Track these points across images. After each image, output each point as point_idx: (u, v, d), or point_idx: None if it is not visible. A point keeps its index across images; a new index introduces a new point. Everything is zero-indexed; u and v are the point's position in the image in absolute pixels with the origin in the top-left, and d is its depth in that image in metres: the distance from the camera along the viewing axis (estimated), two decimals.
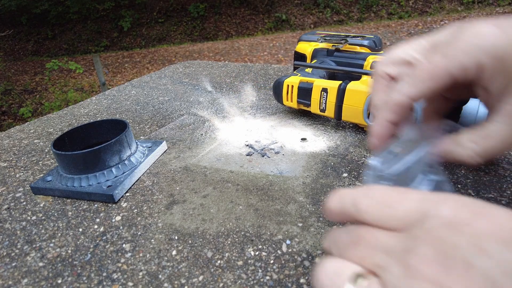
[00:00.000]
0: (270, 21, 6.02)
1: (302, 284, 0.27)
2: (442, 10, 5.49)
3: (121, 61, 5.23)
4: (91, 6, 6.17)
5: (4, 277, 0.29)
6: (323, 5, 6.01)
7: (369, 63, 0.57)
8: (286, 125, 0.56)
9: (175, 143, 0.52)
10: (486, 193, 0.37)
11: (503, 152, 0.35)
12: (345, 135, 0.51)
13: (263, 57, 4.40)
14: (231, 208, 0.36)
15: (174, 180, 0.42)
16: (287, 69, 0.92)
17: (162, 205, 0.37)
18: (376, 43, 0.61)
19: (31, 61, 5.88)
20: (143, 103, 0.72)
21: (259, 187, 0.40)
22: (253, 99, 0.70)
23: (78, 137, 0.46)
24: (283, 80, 0.56)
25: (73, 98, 3.78)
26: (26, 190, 0.42)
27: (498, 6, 5.31)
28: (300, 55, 0.67)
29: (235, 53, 4.78)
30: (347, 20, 5.84)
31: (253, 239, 0.32)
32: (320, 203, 0.36)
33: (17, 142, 0.57)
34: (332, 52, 0.62)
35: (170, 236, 0.33)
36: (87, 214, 0.37)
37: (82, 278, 0.29)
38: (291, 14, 6.06)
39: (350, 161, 0.44)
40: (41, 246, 0.33)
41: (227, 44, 5.40)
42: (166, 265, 0.30)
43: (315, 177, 0.41)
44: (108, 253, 0.31)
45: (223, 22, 6.19)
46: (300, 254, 0.30)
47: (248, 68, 0.96)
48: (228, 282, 0.27)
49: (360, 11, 5.92)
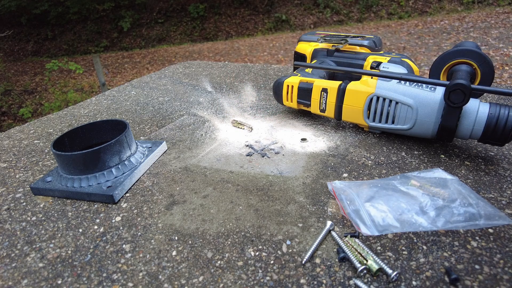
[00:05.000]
0: (270, 21, 6.01)
1: (302, 284, 0.27)
2: (442, 10, 5.49)
3: (121, 62, 5.23)
4: (91, 6, 6.16)
5: (4, 278, 0.29)
6: (323, 5, 6.01)
7: (369, 63, 0.57)
8: (286, 125, 0.56)
9: (175, 143, 0.52)
10: (486, 193, 0.37)
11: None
12: (345, 135, 0.51)
13: (263, 57, 4.40)
14: (231, 208, 0.36)
15: (174, 180, 0.42)
16: (287, 69, 0.92)
17: (162, 206, 0.37)
18: (376, 43, 0.61)
19: (31, 61, 5.87)
20: (143, 104, 0.72)
21: (259, 187, 0.40)
22: (253, 99, 0.69)
23: (78, 137, 0.46)
24: (283, 81, 0.56)
25: (73, 99, 3.77)
26: (26, 190, 0.42)
27: (498, 6, 5.31)
28: (300, 55, 0.67)
29: (235, 53, 4.78)
30: (347, 20, 5.84)
31: (253, 240, 0.32)
32: (320, 203, 0.36)
33: (17, 143, 0.57)
34: (332, 52, 0.62)
35: (170, 236, 0.33)
36: (87, 214, 0.37)
37: (82, 279, 0.29)
38: (291, 14, 6.06)
39: (350, 161, 0.44)
40: (41, 247, 0.33)
41: (227, 44, 5.40)
42: (166, 265, 0.30)
43: (315, 177, 0.41)
44: (108, 254, 0.31)
45: (223, 22, 6.18)
46: (300, 254, 0.30)
47: (248, 68, 0.96)
48: (228, 282, 0.27)
49: (360, 11, 5.91)
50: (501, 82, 2.68)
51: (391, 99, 0.45)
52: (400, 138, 0.50)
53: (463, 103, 0.39)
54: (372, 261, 0.27)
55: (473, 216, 0.31)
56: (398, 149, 0.47)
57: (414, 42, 4.22)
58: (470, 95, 0.38)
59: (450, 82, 0.39)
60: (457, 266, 0.28)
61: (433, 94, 0.43)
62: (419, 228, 0.31)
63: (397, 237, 0.31)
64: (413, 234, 0.31)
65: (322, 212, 0.35)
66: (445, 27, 4.72)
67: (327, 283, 0.27)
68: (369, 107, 0.48)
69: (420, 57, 3.55)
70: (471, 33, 4.28)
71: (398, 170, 0.42)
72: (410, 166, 0.42)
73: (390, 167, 0.42)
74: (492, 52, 3.39)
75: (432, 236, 0.31)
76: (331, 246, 0.30)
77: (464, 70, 0.44)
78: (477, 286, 0.26)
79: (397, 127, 0.46)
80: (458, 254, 0.29)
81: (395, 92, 0.45)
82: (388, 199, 0.34)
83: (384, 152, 0.46)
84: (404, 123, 0.46)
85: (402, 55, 0.56)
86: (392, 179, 0.37)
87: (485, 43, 3.70)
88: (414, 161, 0.43)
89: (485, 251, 0.29)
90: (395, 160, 0.44)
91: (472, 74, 0.45)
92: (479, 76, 0.45)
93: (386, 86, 0.46)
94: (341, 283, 0.27)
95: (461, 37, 4.16)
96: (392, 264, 0.28)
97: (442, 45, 3.91)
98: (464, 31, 4.42)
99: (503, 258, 0.28)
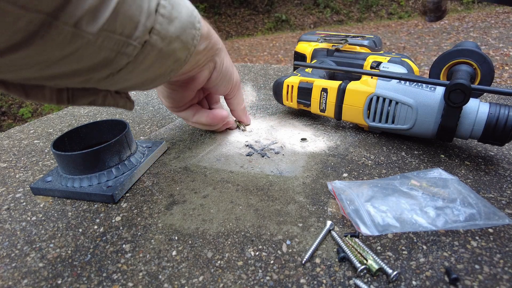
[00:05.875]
0: (270, 21, 6.01)
1: (303, 284, 0.27)
2: None
3: None
4: None
5: (4, 278, 0.29)
6: (323, 5, 6.01)
7: (369, 63, 0.57)
8: (286, 125, 0.56)
9: (175, 143, 0.52)
10: (486, 193, 0.37)
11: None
12: (345, 135, 0.51)
13: (263, 57, 4.40)
14: (231, 208, 0.36)
15: (174, 180, 0.42)
16: (287, 69, 0.92)
17: (162, 206, 0.37)
18: (376, 43, 0.61)
19: None
20: (143, 103, 0.72)
21: (259, 187, 0.40)
22: (253, 99, 0.69)
23: (78, 137, 0.46)
24: (283, 80, 0.56)
25: None
26: (26, 190, 0.42)
27: (498, 6, 5.31)
28: (300, 55, 0.67)
29: (235, 53, 4.78)
30: (347, 20, 5.84)
31: (253, 240, 0.32)
32: (320, 203, 0.36)
33: (17, 143, 0.57)
34: (332, 52, 0.62)
35: (170, 236, 0.33)
36: (87, 214, 0.37)
37: (82, 279, 0.29)
38: (291, 14, 6.06)
39: (350, 161, 0.44)
40: (41, 247, 0.33)
41: (227, 44, 5.40)
42: (166, 265, 0.30)
43: (315, 177, 0.41)
44: (108, 254, 0.31)
45: (223, 22, 6.18)
46: (300, 254, 0.30)
47: (248, 68, 0.96)
48: (228, 282, 0.27)
49: (360, 11, 5.92)
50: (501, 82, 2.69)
51: (391, 99, 0.45)
52: (400, 138, 0.50)
53: (463, 103, 0.39)
54: (372, 261, 0.28)
55: (473, 216, 0.31)
56: (398, 149, 0.47)
57: (414, 42, 4.23)
58: (470, 95, 0.38)
59: (450, 82, 0.39)
60: (457, 266, 0.28)
61: (433, 94, 0.43)
62: (419, 228, 0.31)
63: (397, 237, 0.31)
64: (413, 234, 0.31)
65: (322, 212, 0.35)
66: (445, 27, 4.72)
67: (327, 283, 0.27)
68: (369, 107, 0.48)
69: (420, 57, 3.56)
70: (471, 33, 4.28)
71: (398, 170, 0.42)
72: (410, 166, 0.42)
73: (390, 167, 0.42)
74: (492, 52, 3.39)
75: (432, 236, 0.31)
76: (331, 246, 0.30)
77: (464, 70, 0.44)
78: (477, 286, 0.26)
79: (397, 127, 0.46)
80: (458, 254, 0.29)
81: (395, 92, 0.45)
82: (388, 199, 0.34)
83: (384, 152, 0.46)
84: (404, 123, 0.46)
85: (402, 55, 0.56)
86: (392, 179, 0.37)
87: (485, 43, 3.70)
88: (414, 161, 0.44)
89: (485, 251, 0.29)
90: (395, 160, 0.44)
91: (472, 74, 0.45)
92: (479, 76, 0.45)
93: (386, 86, 0.46)
94: (341, 283, 0.27)
95: (461, 37, 4.16)
96: (392, 264, 0.28)
97: (442, 45, 3.91)
98: (464, 31, 4.42)
99: (503, 258, 0.28)
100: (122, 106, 0.31)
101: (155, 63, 0.26)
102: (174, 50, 0.27)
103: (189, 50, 0.29)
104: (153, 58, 0.25)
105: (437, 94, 0.42)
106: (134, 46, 0.23)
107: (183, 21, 0.26)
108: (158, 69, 0.28)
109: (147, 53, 0.24)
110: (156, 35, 0.24)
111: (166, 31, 0.25)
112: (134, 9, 0.21)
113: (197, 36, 0.29)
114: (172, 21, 0.25)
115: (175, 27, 0.25)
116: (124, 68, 0.24)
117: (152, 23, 0.23)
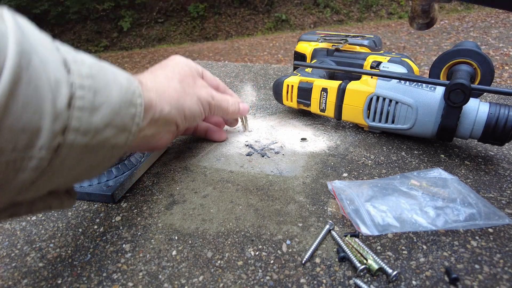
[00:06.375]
0: (270, 21, 6.01)
1: (302, 284, 0.27)
2: (442, 10, 5.49)
3: (121, 61, 5.23)
4: (90, 6, 6.16)
5: (4, 278, 0.29)
6: (323, 5, 6.01)
7: (369, 63, 0.57)
8: (286, 125, 0.56)
9: (174, 143, 0.52)
10: (486, 193, 0.37)
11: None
12: (345, 135, 0.51)
13: (263, 57, 4.40)
14: (231, 208, 0.36)
15: (174, 180, 0.42)
16: (287, 69, 0.92)
17: (162, 205, 0.37)
18: (376, 43, 0.61)
19: None
20: None
21: (259, 187, 0.40)
22: (253, 99, 0.69)
23: None
24: (283, 80, 0.56)
25: None
26: None
27: None
28: (300, 55, 0.67)
29: (235, 53, 4.78)
30: (347, 20, 5.84)
31: (253, 239, 0.32)
32: (320, 203, 0.36)
33: None
34: (332, 52, 0.62)
35: (170, 236, 0.33)
36: (87, 214, 0.37)
37: (82, 279, 0.29)
38: (291, 14, 6.06)
39: (350, 161, 0.44)
40: (41, 247, 0.33)
41: (227, 44, 5.40)
42: (166, 265, 0.30)
43: (315, 177, 0.41)
44: (108, 254, 0.31)
45: (223, 22, 6.18)
46: (300, 254, 0.30)
47: (248, 68, 0.96)
48: (228, 282, 0.27)
49: (360, 11, 5.92)
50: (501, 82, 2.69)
51: (391, 99, 0.45)
52: (400, 138, 0.50)
53: (463, 103, 0.39)
54: (372, 261, 0.28)
55: (473, 216, 0.31)
56: (398, 149, 0.47)
57: (414, 41, 4.22)
58: (470, 95, 0.38)
59: (450, 82, 0.39)
60: (457, 266, 0.28)
61: (433, 93, 0.43)
62: (419, 228, 0.31)
63: (397, 236, 0.31)
64: (413, 234, 0.31)
65: (322, 212, 0.35)
66: (445, 26, 4.72)
67: (327, 283, 0.27)
68: (369, 107, 0.48)
69: (420, 57, 3.55)
70: (471, 32, 4.28)
71: (398, 169, 0.42)
72: (410, 166, 0.42)
73: (390, 166, 0.42)
74: (492, 51, 3.39)
75: (432, 236, 0.31)
76: (331, 246, 0.30)
77: (464, 69, 0.44)
78: (477, 286, 0.26)
79: (397, 126, 0.46)
80: (458, 253, 0.29)
81: (395, 92, 0.45)
82: (388, 198, 0.34)
83: (384, 151, 0.46)
84: (404, 123, 0.46)
85: (402, 54, 0.56)
86: (392, 179, 0.37)
87: (485, 43, 3.70)
88: (414, 160, 0.44)
89: (485, 251, 0.29)
90: (395, 160, 0.44)
91: (472, 73, 0.45)
92: (479, 75, 0.45)
93: (386, 85, 0.46)
94: (341, 282, 0.27)
95: (461, 37, 4.16)
96: (392, 263, 0.28)
97: (442, 45, 3.91)
98: (464, 30, 4.42)
99: (503, 257, 0.28)
100: (56, 207, 0.24)
101: (84, 158, 0.22)
102: (106, 138, 0.22)
103: (130, 131, 0.25)
104: (78, 155, 0.21)
105: (437, 94, 0.42)
106: (39, 158, 0.18)
107: (114, 104, 0.23)
108: (93, 160, 0.23)
109: (65, 155, 0.20)
110: (74, 132, 0.20)
111: (88, 124, 0.20)
112: (27, 117, 0.17)
113: (139, 113, 0.26)
114: (96, 110, 0.21)
115: (102, 115, 0.21)
116: (40, 177, 0.19)
117: (64, 122, 0.19)
